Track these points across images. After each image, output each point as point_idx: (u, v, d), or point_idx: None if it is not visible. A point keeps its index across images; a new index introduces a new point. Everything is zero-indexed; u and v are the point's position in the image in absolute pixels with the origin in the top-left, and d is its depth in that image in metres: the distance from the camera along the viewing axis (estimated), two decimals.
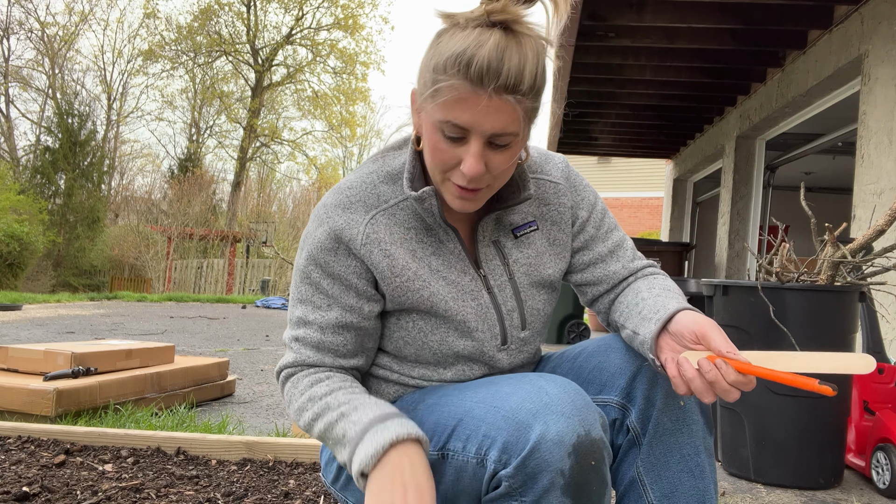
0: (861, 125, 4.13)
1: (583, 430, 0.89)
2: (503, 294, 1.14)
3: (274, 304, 11.33)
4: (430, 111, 0.99)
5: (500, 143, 0.98)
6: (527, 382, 0.96)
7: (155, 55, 26.62)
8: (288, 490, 1.87)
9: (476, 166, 0.98)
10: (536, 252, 1.18)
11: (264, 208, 28.16)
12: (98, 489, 1.80)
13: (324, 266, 1.08)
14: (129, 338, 5.71)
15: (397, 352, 1.14)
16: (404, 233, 1.10)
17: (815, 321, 2.30)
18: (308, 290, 1.10)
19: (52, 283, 19.36)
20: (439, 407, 1.04)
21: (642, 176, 19.66)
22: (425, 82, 1.00)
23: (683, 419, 1.07)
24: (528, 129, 1.02)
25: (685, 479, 1.05)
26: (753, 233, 6.68)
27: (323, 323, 1.09)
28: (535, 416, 0.89)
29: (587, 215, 1.22)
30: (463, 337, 1.11)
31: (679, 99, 6.72)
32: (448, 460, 0.98)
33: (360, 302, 1.09)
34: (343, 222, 1.07)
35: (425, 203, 1.07)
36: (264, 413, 3.13)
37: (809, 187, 9.29)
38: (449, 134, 0.98)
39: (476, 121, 0.95)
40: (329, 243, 1.07)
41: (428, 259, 1.10)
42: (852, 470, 2.54)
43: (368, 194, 1.10)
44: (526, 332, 1.16)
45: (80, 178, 22.17)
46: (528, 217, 1.18)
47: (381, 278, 1.08)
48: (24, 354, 2.92)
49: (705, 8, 4.69)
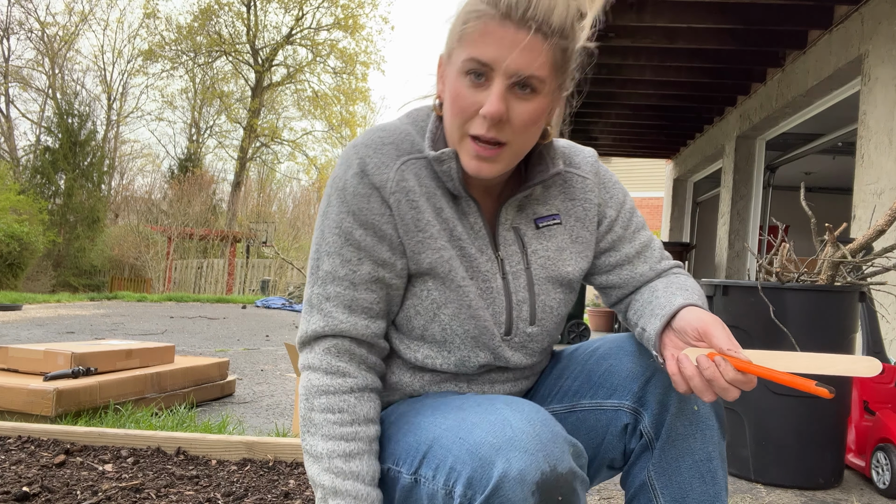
0: (861, 125, 4.13)
1: (547, 465, 0.85)
2: (517, 283, 1.09)
3: (274, 304, 11.32)
4: (456, 58, 0.97)
5: (524, 86, 0.95)
6: (492, 412, 0.92)
7: (155, 55, 26.62)
8: (288, 490, 1.87)
9: (497, 104, 0.94)
10: (557, 247, 1.13)
11: (264, 208, 28.17)
12: (98, 489, 1.80)
13: (357, 213, 1.01)
14: (129, 338, 5.71)
15: (406, 323, 1.08)
16: (434, 189, 1.04)
17: (815, 321, 2.30)
18: (337, 241, 1.02)
19: (52, 283, 19.36)
20: (414, 428, 1.01)
21: (642, 176, 19.65)
22: (453, 32, 0.99)
23: (697, 424, 1.05)
24: (554, 85, 0.99)
25: (696, 485, 1.04)
26: (753, 233, 6.69)
27: (355, 278, 1.02)
28: (497, 451, 0.86)
29: (615, 214, 1.18)
30: (473, 317, 1.06)
31: (679, 99, 6.72)
32: (420, 485, 0.96)
33: (393, 256, 1.03)
34: (375, 163, 1.01)
35: (444, 165, 1.02)
36: (264, 413, 3.13)
37: (809, 187, 9.29)
38: (472, 70, 0.95)
39: (501, 55, 0.93)
40: (362, 188, 1.01)
41: (452, 223, 1.05)
42: (852, 470, 2.54)
43: (402, 139, 1.05)
44: (534, 328, 1.11)
45: (80, 178, 22.16)
46: (553, 210, 1.13)
47: (404, 231, 1.03)
48: (24, 354, 2.92)
49: (705, 8, 4.69)
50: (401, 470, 1.00)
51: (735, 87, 6.29)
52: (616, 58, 5.54)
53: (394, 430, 1.06)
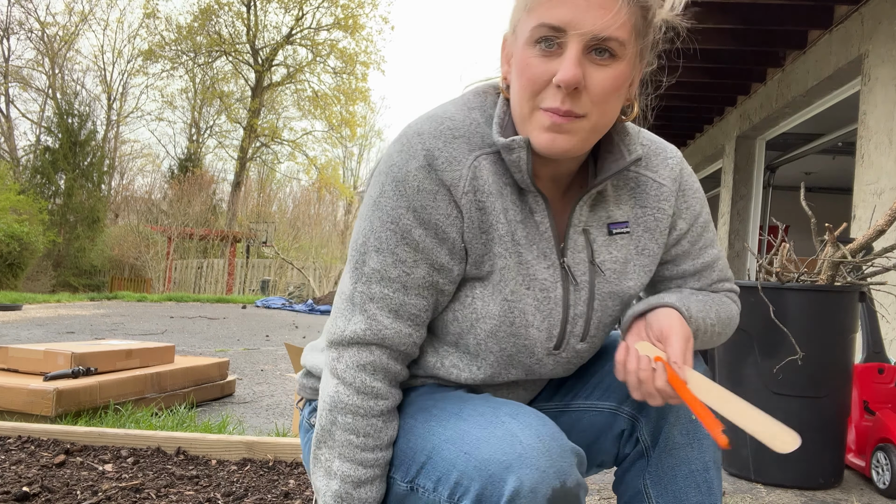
0: (861, 125, 4.13)
1: (558, 482, 0.83)
2: (577, 295, 0.99)
3: (274, 304, 11.32)
4: (523, 29, 0.88)
5: (602, 50, 0.86)
6: (497, 425, 0.87)
7: (155, 55, 26.62)
8: (288, 490, 1.87)
9: (572, 70, 0.84)
10: (624, 258, 1.02)
11: (264, 208, 28.18)
12: (98, 489, 1.80)
13: (419, 211, 0.90)
14: (129, 338, 5.71)
15: (441, 326, 0.99)
16: (502, 187, 0.94)
17: (815, 321, 2.30)
18: (392, 239, 0.91)
19: (52, 283, 19.35)
20: (408, 434, 0.96)
21: None
22: (518, 5, 0.91)
23: (695, 433, 1.02)
24: (635, 51, 0.89)
25: (692, 495, 1.02)
26: (753, 233, 6.69)
27: (408, 282, 0.92)
28: (508, 469, 0.82)
29: (687, 227, 1.06)
30: (515, 335, 0.97)
31: (679, 99, 6.72)
32: (418, 494, 0.93)
33: (452, 261, 0.94)
34: (445, 158, 0.90)
35: (514, 153, 0.90)
36: (264, 413, 3.13)
37: (809, 187, 9.28)
38: (542, 38, 0.86)
39: (575, 16, 0.83)
40: (429, 184, 0.90)
41: (515, 225, 0.95)
42: (852, 470, 2.54)
43: (472, 132, 0.93)
44: (584, 345, 1.03)
45: (80, 178, 22.16)
46: (625, 216, 1.02)
47: (470, 234, 0.93)
48: (24, 354, 2.92)
49: (705, 8, 4.69)
50: (394, 476, 0.97)
51: (735, 87, 6.29)
52: None
53: None
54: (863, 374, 2.50)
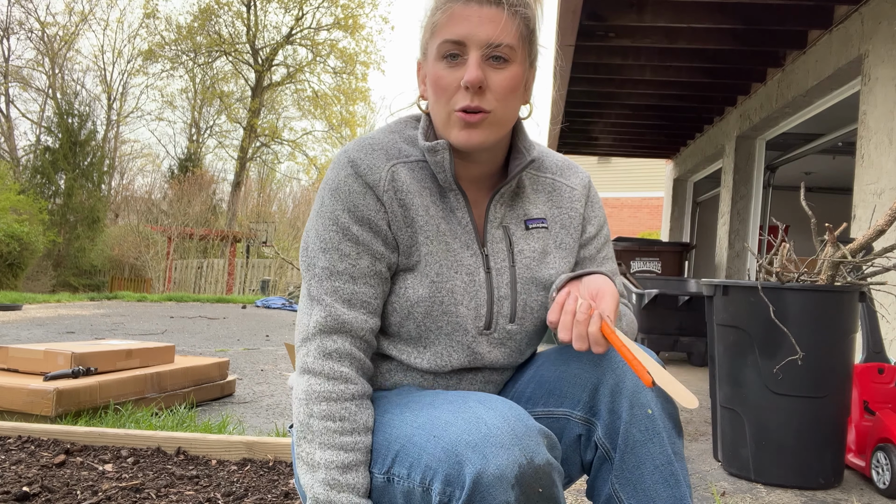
0: (861, 125, 4.13)
1: (524, 458, 0.87)
2: (500, 279, 1.13)
3: (274, 304, 11.32)
4: (431, 50, 1.06)
5: (498, 56, 1.03)
6: (465, 410, 0.93)
7: (155, 55, 26.60)
8: (288, 490, 1.87)
9: (475, 72, 1.02)
10: (542, 250, 1.17)
11: (264, 208, 28.16)
12: (98, 489, 1.80)
13: (353, 210, 1.06)
14: (129, 338, 5.71)
15: (383, 320, 1.11)
16: (421, 189, 1.10)
17: (815, 321, 2.30)
18: (335, 237, 1.06)
19: (52, 283, 19.36)
20: (383, 427, 1.02)
21: (642, 176, 19.65)
22: (425, 30, 1.08)
23: (653, 428, 1.04)
24: (525, 53, 1.07)
25: (661, 490, 1.03)
26: (753, 233, 6.68)
27: (355, 272, 1.06)
28: (473, 448, 0.87)
29: (594, 233, 1.23)
30: (447, 312, 1.09)
31: (679, 99, 6.72)
32: (394, 484, 0.97)
33: (387, 250, 1.08)
34: (367, 165, 1.07)
35: (437, 155, 1.08)
36: (264, 413, 3.13)
37: (809, 187, 9.29)
38: (447, 53, 1.04)
39: (471, 30, 1.02)
40: (357, 186, 1.06)
41: (437, 221, 1.10)
42: (852, 470, 2.54)
43: (390, 146, 1.11)
44: (513, 326, 1.14)
45: (80, 178, 22.16)
46: (541, 214, 1.19)
47: (396, 227, 1.08)
48: (24, 354, 2.93)
49: (705, 8, 4.69)
50: (372, 471, 1.00)
51: (735, 87, 6.28)
52: (616, 58, 5.54)
53: None
54: (863, 374, 2.50)
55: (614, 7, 4.70)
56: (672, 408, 1.07)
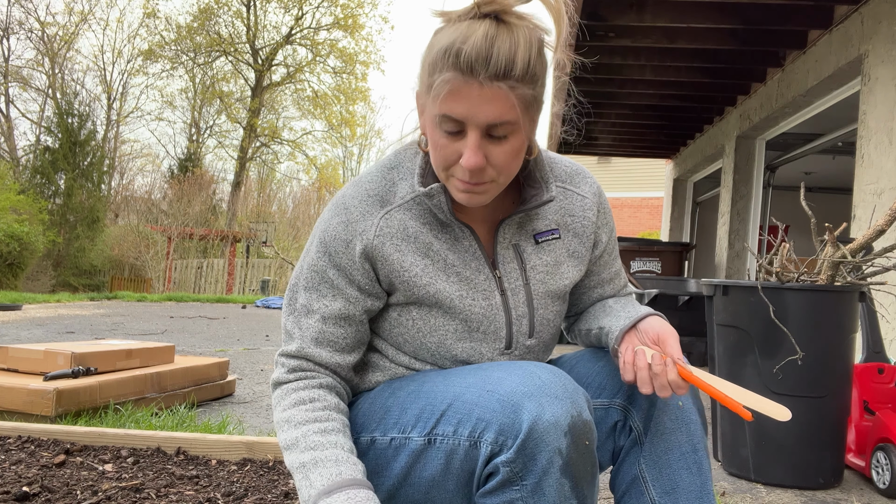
0: (861, 125, 4.13)
1: (575, 411, 0.94)
2: (516, 298, 1.14)
3: (274, 304, 11.32)
4: (430, 109, 1.01)
5: (498, 135, 0.99)
6: (518, 368, 0.99)
7: (155, 55, 26.59)
8: (288, 490, 1.87)
9: (474, 158, 0.98)
10: (555, 261, 1.18)
11: (264, 208, 28.15)
12: (98, 489, 1.80)
13: (332, 255, 1.09)
14: (129, 338, 5.71)
15: (397, 345, 1.16)
16: (420, 227, 1.10)
17: (815, 321, 2.30)
18: (315, 278, 1.11)
19: (52, 283, 19.35)
20: (424, 393, 1.06)
21: (642, 176, 19.65)
22: (423, 82, 1.02)
23: (682, 419, 1.11)
24: (528, 119, 1.01)
25: (685, 476, 1.09)
26: (753, 233, 6.68)
27: (326, 313, 1.10)
28: (529, 398, 0.93)
29: (606, 240, 1.25)
30: (462, 339, 1.11)
31: (679, 99, 6.72)
32: (436, 445, 1.00)
33: (362, 296, 1.11)
34: (359, 213, 1.10)
35: (434, 199, 1.08)
36: (264, 413, 3.13)
37: (809, 187, 9.29)
38: (447, 129, 0.99)
39: (470, 111, 0.96)
40: (343, 234, 1.09)
41: (444, 253, 1.11)
42: (852, 470, 2.54)
43: (386, 190, 1.11)
44: (532, 341, 1.16)
45: (80, 178, 22.15)
46: (552, 224, 1.18)
47: (391, 271, 1.09)
48: (24, 354, 2.92)
49: (705, 8, 4.68)
50: (409, 436, 1.03)
51: (735, 87, 6.28)
52: (616, 58, 5.54)
53: (393, 402, 1.08)
54: (863, 374, 2.50)
55: (614, 7, 4.70)
56: (699, 404, 1.14)
